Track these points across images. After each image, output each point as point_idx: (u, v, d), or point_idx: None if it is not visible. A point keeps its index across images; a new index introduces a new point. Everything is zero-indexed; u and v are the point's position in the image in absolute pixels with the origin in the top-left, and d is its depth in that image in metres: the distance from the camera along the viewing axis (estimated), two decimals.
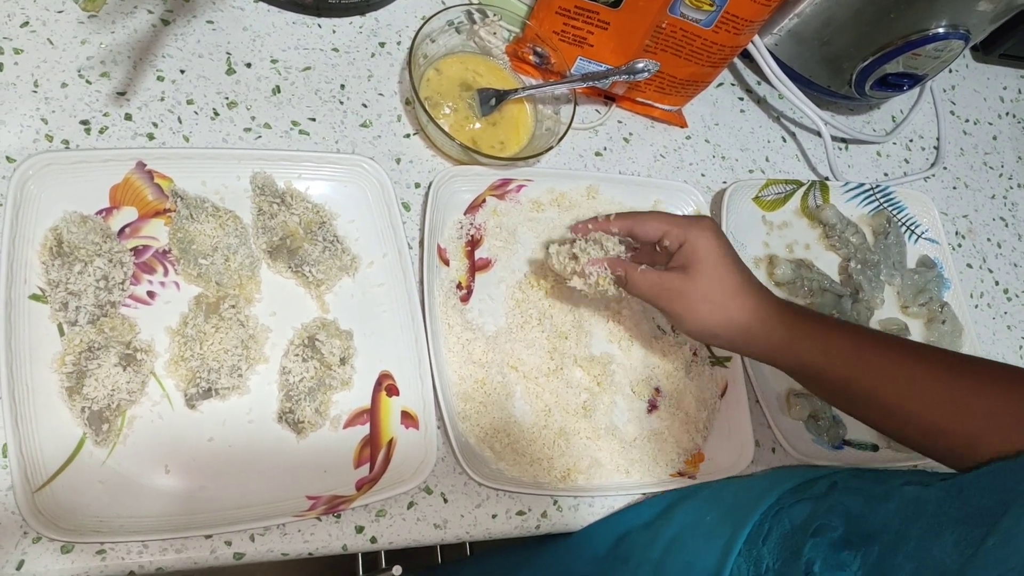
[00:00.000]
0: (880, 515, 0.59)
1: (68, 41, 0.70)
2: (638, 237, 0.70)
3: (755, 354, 0.68)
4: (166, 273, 0.66)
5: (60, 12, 0.71)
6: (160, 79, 0.72)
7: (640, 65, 0.82)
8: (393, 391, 0.69)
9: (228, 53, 0.76)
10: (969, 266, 1.05)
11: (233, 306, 0.65)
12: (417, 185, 0.78)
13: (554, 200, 0.82)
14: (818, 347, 0.64)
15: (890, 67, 0.91)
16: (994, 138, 1.16)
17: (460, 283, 0.75)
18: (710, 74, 0.88)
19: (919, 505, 0.58)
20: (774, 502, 0.64)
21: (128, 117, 0.70)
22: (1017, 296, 1.05)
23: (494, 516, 0.69)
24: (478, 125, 0.80)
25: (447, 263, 0.75)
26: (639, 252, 0.71)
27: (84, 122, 0.68)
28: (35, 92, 0.68)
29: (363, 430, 0.67)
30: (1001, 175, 1.14)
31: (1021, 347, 1.02)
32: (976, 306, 1.02)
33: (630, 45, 0.83)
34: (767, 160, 0.98)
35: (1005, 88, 1.22)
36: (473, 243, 0.77)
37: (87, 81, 0.70)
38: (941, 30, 0.86)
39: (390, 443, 0.67)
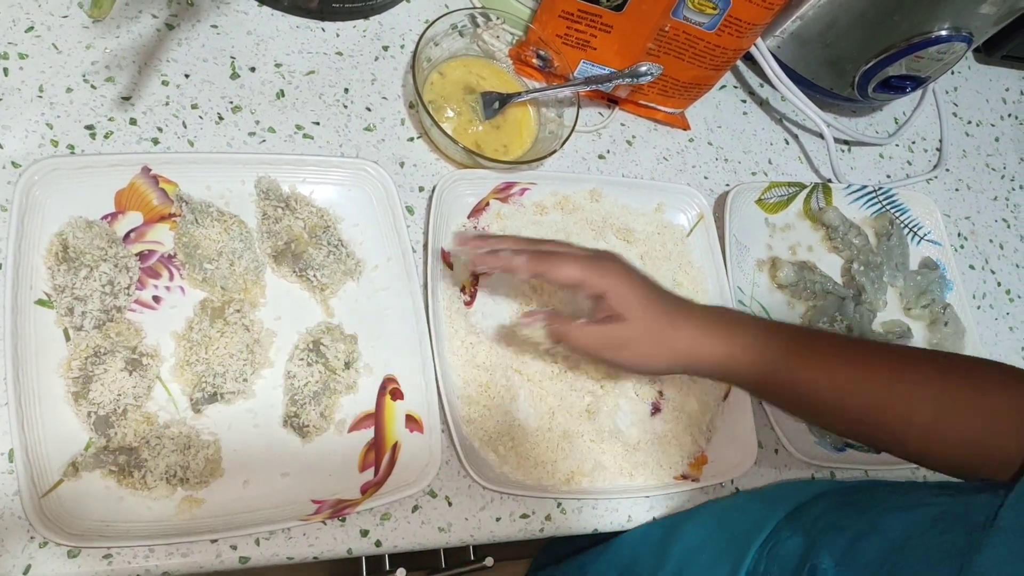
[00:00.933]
0: (864, 558, 0.59)
1: (73, 46, 0.70)
2: (552, 284, 0.70)
3: (705, 375, 0.68)
4: (171, 278, 0.66)
5: (65, 17, 0.71)
6: (165, 84, 0.72)
7: (643, 68, 0.82)
8: (398, 395, 0.69)
9: (232, 57, 0.76)
10: (971, 267, 1.05)
11: (238, 311, 0.65)
12: (421, 189, 0.78)
13: (557, 203, 0.82)
14: (762, 357, 0.64)
15: (893, 69, 0.91)
16: (996, 140, 1.16)
17: (464, 287, 0.75)
18: (713, 77, 0.88)
19: (900, 546, 0.58)
20: (769, 535, 0.64)
21: (133, 122, 0.70)
22: (1019, 297, 1.06)
23: (498, 519, 0.69)
24: (481, 128, 0.81)
25: (451, 267, 0.75)
26: None
27: (89, 127, 0.68)
28: (40, 97, 0.68)
29: (368, 434, 0.67)
30: (1003, 176, 1.14)
31: (1022, 348, 1.02)
32: (979, 307, 1.02)
33: (633, 48, 0.83)
34: (770, 163, 0.98)
35: (1007, 89, 1.22)
36: None
37: (92, 86, 0.70)
38: (944, 32, 0.86)
39: (395, 447, 0.67)
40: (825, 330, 0.86)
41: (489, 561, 0.75)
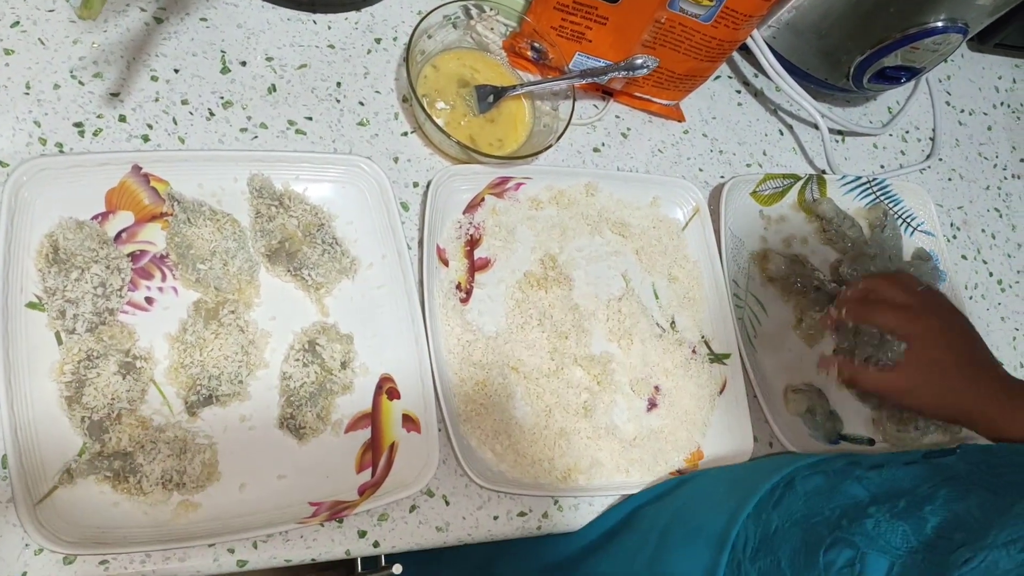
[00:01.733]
0: (907, 478, 0.60)
1: (60, 41, 0.69)
2: (866, 325, 0.81)
3: (978, 432, 0.75)
4: (164, 278, 0.65)
5: (51, 11, 0.70)
6: (154, 79, 0.71)
7: (639, 61, 0.81)
8: (394, 394, 0.69)
9: (222, 51, 0.75)
10: (964, 257, 1.05)
11: (232, 311, 0.64)
12: (415, 184, 0.77)
13: (553, 198, 0.81)
14: None
15: (888, 60, 0.90)
16: (989, 128, 1.16)
17: (460, 284, 0.75)
18: (708, 69, 0.87)
19: (945, 470, 0.59)
20: (788, 473, 0.65)
21: (122, 119, 0.69)
22: (1011, 287, 1.06)
23: (495, 517, 0.69)
24: (476, 122, 0.80)
25: (446, 264, 0.75)
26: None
27: (78, 124, 0.67)
28: (27, 94, 0.66)
29: (364, 434, 0.67)
30: (996, 165, 1.14)
31: (1015, 338, 1.03)
32: (971, 298, 1.02)
33: (629, 40, 0.82)
34: (764, 154, 0.97)
35: (1000, 78, 1.21)
36: (472, 243, 0.77)
37: (80, 82, 0.68)
38: (940, 24, 0.85)
39: (392, 447, 0.67)
40: None
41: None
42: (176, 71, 0.72)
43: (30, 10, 0.69)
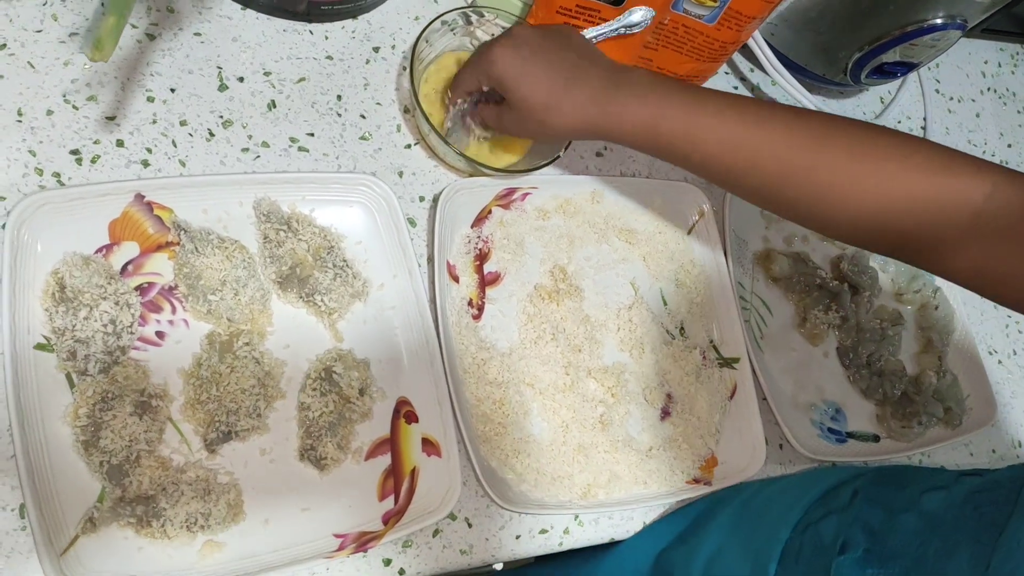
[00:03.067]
0: (900, 534, 0.60)
1: (50, 63, 0.66)
2: (463, 95, 0.74)
3: (607, 138, 0.68)
4: (174, 311, 0.63)
5: (39, 32, 0.66)
6: (150, 100, 0.69)
7: (636, 17, 0.77)
8: (412, 418, 0.68)
9: (219, 67, 0.72)
10: None
11: (247, 343, 0.63)
12: (422, 198, 0.76)
13: (559, 206, 0.81)
14: (659, 112, 0.64)
15: (887, 57, 0.90)
16: (977, 115, 1.17)
17: (471, 300, 0.74)
18: (710, 69, 0.87)
19: (935, 523, 0.60)
20: (802, 517, 0.65)
21: (120, 143, 0.66)
22: None
23: (518, 537, 0.69)
24: (478, 130, 0.78)
25: (457, 280, 0.73)
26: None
27: (74, 151, 0.65)
28: (19, 122, 0.64)
29: (384, 460, 0.66)
30: (984, 152, 1.15)
31: (1007, 325, 1.05)
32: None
33: (631, 41, 0.81)
34: None
35: (986, 62, 1.22)
36: (481, 257, 0.76)
37: (74, 106, 0.66)
38: (939, 20, 0.85)
39: (413, 472, 0.66)
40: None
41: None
42: (172, 90, 0.70)
43: (17, 32, 0.66)
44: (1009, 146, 1.18)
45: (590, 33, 0.77)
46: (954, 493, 0.62)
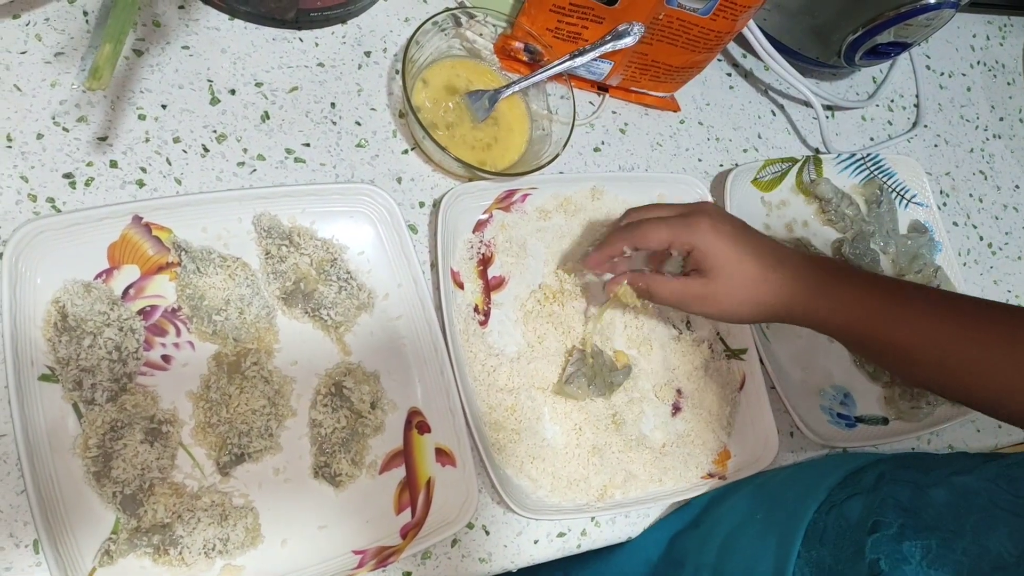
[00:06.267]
0: (933, 508, 0.60)
1: (37, 85, 0.64)
2: (645, 250, 0.70)
3: (797, 323, 0.69)
4: (179, 333, 0.62)
5: (23, 53, 0.65)
6: (142, 118, 0.67)
7: (622, 28, 0.77)
8: (424, 428, 0.67)
9: (210, 80, 0.71)
10: (955, 224, 1.06)
11: (255, 363, 0.62)
12: (422, 204, 0.75)
13: (560, 205, 0.80)
14: (857, 313, 0.65)
15: (881, 38, 0.89)
16: (968, 89, 1.17)
17: (477, 306, 0.73)
18: (705, 60, 0.86)
19: (969, 497, 0.60)
20: (825, 498, 0.65)
21: (114, 164, 0.65)
22: (1000, 249, 1.08)
23: (536, 542, 0.69)
24: (474, 132, 0.77)
25: (461, 286, 0.73)
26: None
27: (68, 175, 0.63)
28: (9, 147, 0.62)
29: (399, 473, 0.66)
30: (977, 127, 1.15)
31: (1008, 300, 1.05)
32: (964, 264, 1.04)
33: None
34: (759, 137, 0.96)
35: (974, 36, 1.22)
36: (484, 262, 0.75)
37: (64, 129, 0.64)
38: (933, 0, 0.84)
39: (428, 483, 0.66)
40: (913, 283, 0.84)
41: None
42: (164, 107, 0.68)
43: (1, 54, 0.64)
44: (1001, 119, 1.17)
45: (585, 54, 0.77)
46: (985, 471, 0.62)
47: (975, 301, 0.67)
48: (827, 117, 1.02)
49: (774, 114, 0.99)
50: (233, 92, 0.71)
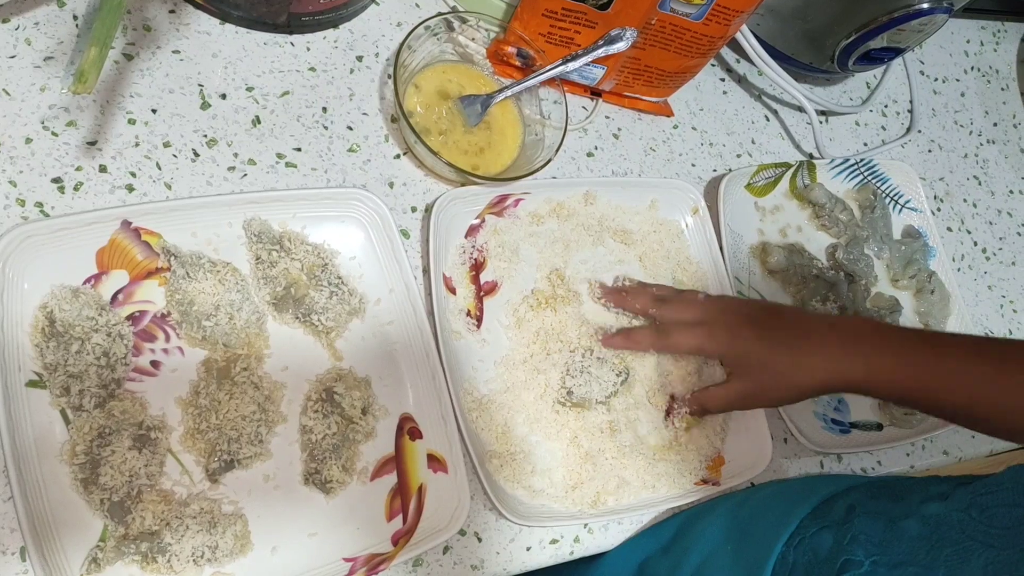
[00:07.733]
0: (905, 542, 0.59)
1: (26, 90, 0.64)
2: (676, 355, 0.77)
3: (843, 392, 0.73)
4: (168, 339, 0.62)
5: (12, 57, 0.65)
6: (131, 122, 0.67)
7: (614, 33, 0.77)
8: (416, 434, 0.67)
9: (200, 85, 0.70)
10: (949, 229, 1.06)
11: (245, 368, 0.61)
12: (413, 209, 0.75)
13: (552, 210, 0.79)
14: (893, 377, 0.68)
15: (874, 43, 0.89)
16: (962, 95, 1.17)
17: (469, 311, 0.73)
18: (699, 65, 0.86)
19: (942, 529, 0.59)
20: (795, 529, 0.64)
21: (103, 169, 0.65)
22: (995, 255, 1.07)
23: (528, 548, 0.69)
24: (466, 137, 0.77)
25: (453, 292, 0.72)
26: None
27: (56, 180, 0.63)
28: None
29: (391, 479, 0.65)
30: (971, 132, 1.15)
31: (1002, 306, 1.05)
32: (959, 269, 1.04)
33: None
34: (753, 142, 0.96)
35: (968, 41, 1.22)
36: (477, 267, 0.74)
37: (53, 133, 0.64)
38: (925, 5, 0.85)
39: (420, 490, 0.65)
40: (949, 334, 0.88)
41: None
42: (154, 111, 0.68)
43: None
44: (995, 124, 1.17)
45: (578, 59, 0.76)
46: (956, 500, 0.61)
47: (996, 344, 0.71)
48: (821, 122, 1.02)
49: (768, 119, 0.99)
50: (224, 97, 0.71)
